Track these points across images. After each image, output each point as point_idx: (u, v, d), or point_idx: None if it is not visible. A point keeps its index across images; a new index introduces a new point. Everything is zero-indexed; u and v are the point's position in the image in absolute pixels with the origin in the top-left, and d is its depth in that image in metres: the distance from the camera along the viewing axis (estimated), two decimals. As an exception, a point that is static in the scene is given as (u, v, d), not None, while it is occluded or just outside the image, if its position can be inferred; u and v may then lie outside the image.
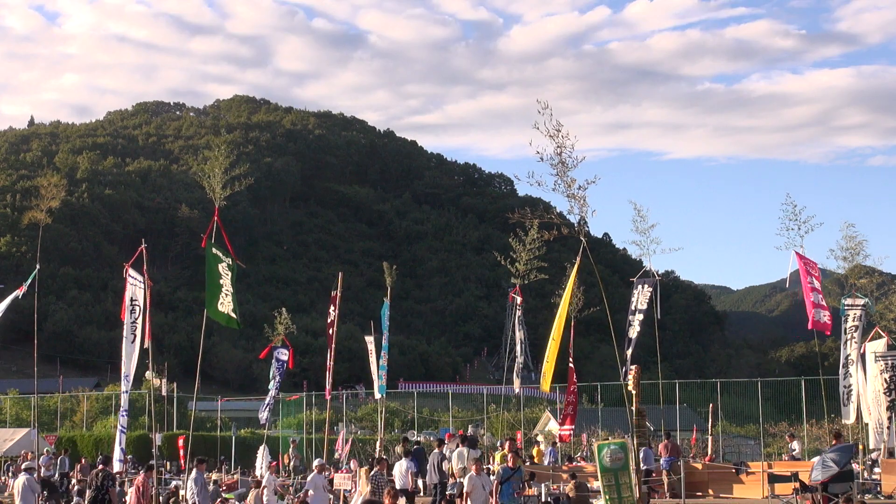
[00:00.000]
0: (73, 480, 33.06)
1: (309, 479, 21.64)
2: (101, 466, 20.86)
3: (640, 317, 21.05)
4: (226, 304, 18.72)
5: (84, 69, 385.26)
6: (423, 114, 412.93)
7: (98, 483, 20.20)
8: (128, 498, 21.83)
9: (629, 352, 20.38)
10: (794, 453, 30.71)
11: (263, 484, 23.94)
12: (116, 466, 22.31)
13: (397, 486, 21.01)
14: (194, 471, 21.45)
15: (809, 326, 22.25)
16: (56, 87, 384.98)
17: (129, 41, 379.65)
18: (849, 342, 23.06)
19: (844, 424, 24.86)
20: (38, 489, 20.78)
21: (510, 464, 19.97)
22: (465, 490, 19.37)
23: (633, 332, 20.73)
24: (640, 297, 20.84)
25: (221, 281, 18.82)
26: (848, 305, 22.99)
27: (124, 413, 21.52)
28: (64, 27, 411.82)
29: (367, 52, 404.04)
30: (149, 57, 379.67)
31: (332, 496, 22.71)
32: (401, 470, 22.16)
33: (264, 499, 23.40)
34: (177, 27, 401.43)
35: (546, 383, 19.32)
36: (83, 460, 38.18)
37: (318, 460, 23.07)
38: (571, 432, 28.89)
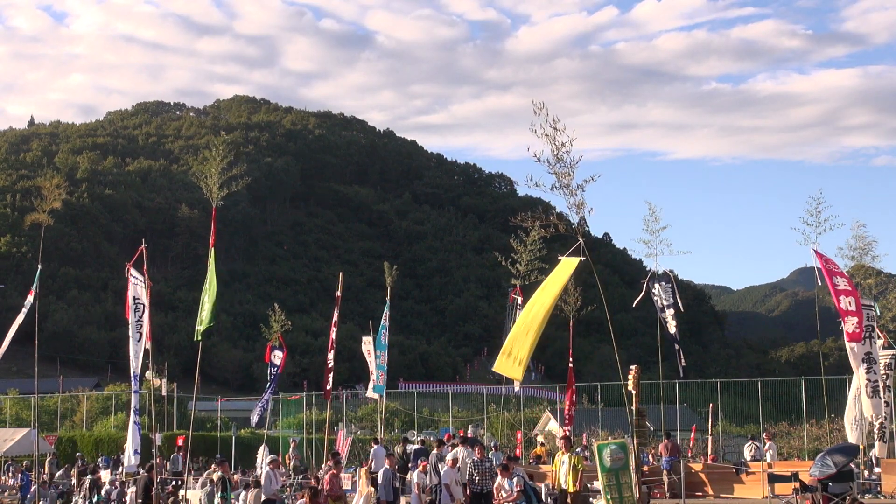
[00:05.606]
0: (71, 481, 32.94)
1: (443, 472, 21.33)
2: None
3: (671, 311, 21.04)
4: (205, 311, 18.81)
5: (91, 69, 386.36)
6: (429, 114, 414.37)
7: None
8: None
9: (677, 346, 20.45)
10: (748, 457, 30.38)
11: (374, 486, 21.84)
12: (131, 461, 22.46)
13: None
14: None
15: (848, 340, 20.99)
16: (62, 87, 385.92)
17: (136, 41, 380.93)
18: (867, 339, 22.95)
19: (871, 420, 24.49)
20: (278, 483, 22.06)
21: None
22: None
23: (672, 328, 20.74)
24: (663, 293, 20.88)
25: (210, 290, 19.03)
26: (863, 305, 22.89)
27: (136, 412, 21.43)
28: (71, 27, 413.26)
29: (374, 52, 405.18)
30: (156, 57, 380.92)
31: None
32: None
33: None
34: (184, 27, 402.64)
35: (512, 371, 15.50)
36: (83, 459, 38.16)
37: (451, 455, 22.44)
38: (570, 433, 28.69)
